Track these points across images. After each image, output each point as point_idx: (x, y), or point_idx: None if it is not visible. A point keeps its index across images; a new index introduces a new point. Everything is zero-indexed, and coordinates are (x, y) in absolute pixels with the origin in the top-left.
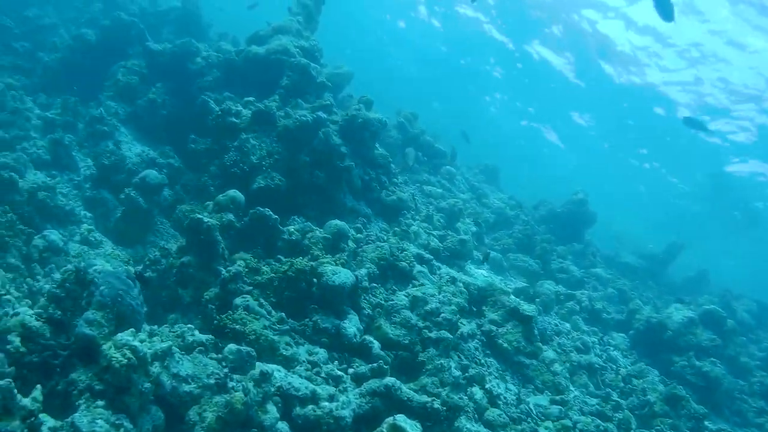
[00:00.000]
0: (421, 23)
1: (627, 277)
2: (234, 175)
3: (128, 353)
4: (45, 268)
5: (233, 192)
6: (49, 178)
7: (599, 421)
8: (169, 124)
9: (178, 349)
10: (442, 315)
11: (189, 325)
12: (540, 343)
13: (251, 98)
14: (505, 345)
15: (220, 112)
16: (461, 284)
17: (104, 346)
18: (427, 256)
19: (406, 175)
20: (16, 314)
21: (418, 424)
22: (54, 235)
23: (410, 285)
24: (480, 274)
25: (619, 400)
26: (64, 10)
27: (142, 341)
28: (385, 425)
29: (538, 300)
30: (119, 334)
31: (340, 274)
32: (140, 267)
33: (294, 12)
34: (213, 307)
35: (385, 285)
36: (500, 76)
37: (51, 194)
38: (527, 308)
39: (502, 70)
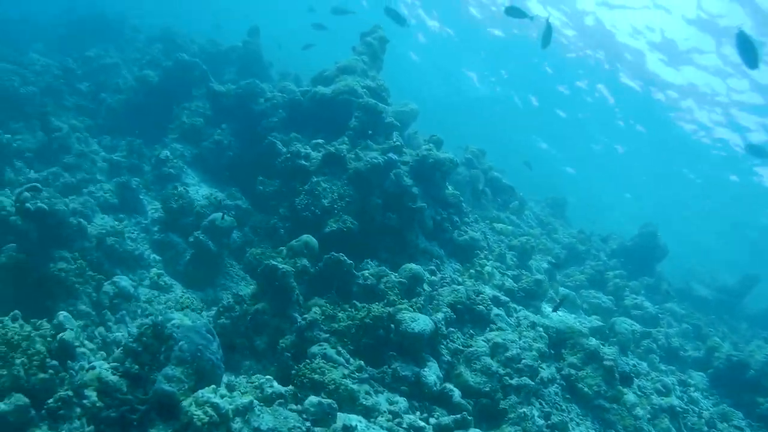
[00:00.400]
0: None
1: (701, 310)
2: (305, 219)
3: (210, 411)
4: (116, 315)
5: (307, 237)
6: (116, 222)
7: None
8: (234, 165)
9: (258, 402)
10: (524, 361)
11: (267, 376)
12: (621, 387)
13: (320, 140)
14: (586, 389)
15: (288, 155)
16: (541, 329)
17: (184, 403)
18: (504, 298)
19: (477, 212)
20: (92, 368)
21: None
22: (124, 281)
23: (488, 329)
24: (555, 315)
25: None
26: (125, 49)
27: (222, 396)
28: None
29: (613, 339)
30: (200, 391)
31: (419, 321)
32: (213, 311)
33: (359, 51)
34: (289, 354)
35: (462, 329)
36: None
37: (119, 239)
38: (607, 351)
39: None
